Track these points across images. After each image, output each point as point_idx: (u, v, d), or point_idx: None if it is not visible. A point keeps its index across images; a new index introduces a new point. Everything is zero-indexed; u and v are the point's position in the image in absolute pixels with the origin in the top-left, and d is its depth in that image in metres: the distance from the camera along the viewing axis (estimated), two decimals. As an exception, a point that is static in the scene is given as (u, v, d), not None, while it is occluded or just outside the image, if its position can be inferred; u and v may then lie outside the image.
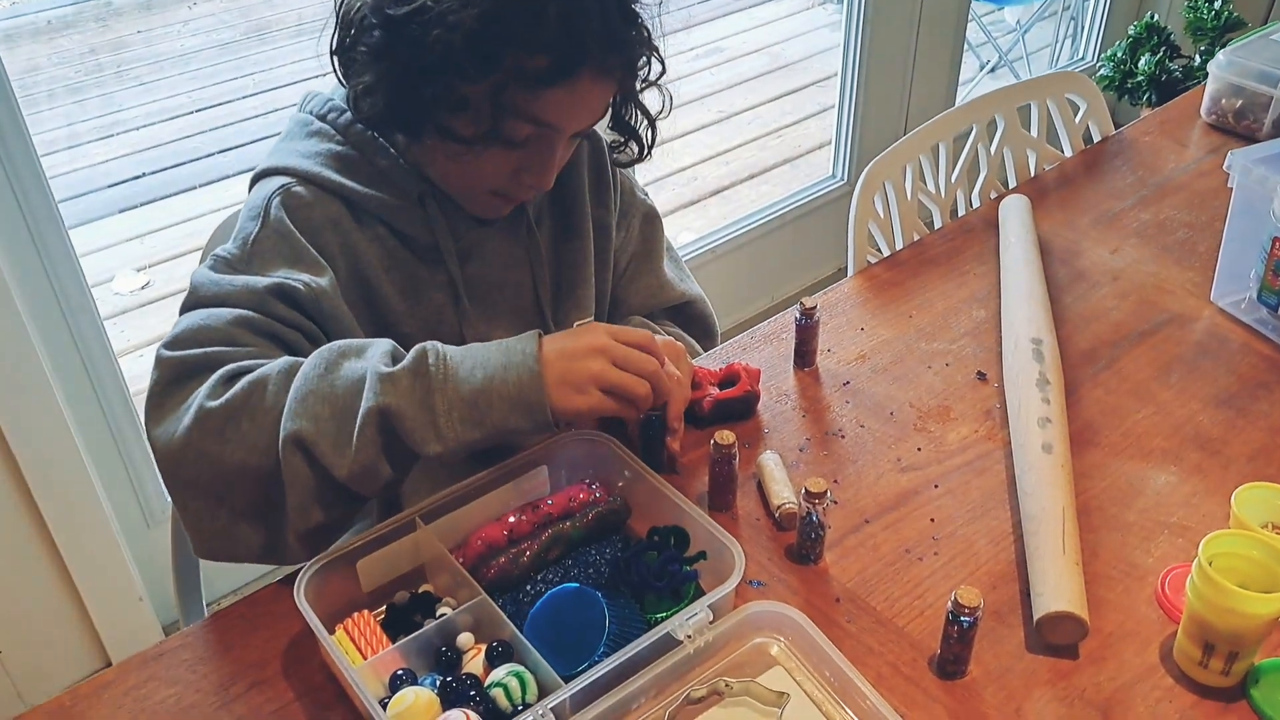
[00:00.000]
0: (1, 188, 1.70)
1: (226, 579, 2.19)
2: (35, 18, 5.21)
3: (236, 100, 4.50)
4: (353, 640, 0.97)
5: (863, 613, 1.03)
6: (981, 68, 4.17)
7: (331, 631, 0.97)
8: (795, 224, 2.97)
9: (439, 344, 1.03)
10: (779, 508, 1.12)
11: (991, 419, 1.26)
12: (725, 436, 1.10)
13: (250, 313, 1.07)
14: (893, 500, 1.16)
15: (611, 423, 1.15)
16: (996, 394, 1.29)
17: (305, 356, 1.06)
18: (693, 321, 1.46)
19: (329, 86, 1.20)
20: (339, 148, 1.17)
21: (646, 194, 1.42)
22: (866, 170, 1.56)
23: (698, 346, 1.44)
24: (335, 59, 1.12)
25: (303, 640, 1.02)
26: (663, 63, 1.15)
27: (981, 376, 1.32)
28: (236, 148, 4.16)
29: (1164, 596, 1.03)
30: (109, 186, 3.94)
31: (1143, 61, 3.02)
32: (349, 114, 1.16)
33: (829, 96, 4.27)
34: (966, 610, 0.93)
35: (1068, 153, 1.83)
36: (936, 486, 1.17)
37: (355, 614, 0.99)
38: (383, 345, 1.03)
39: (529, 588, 1.04)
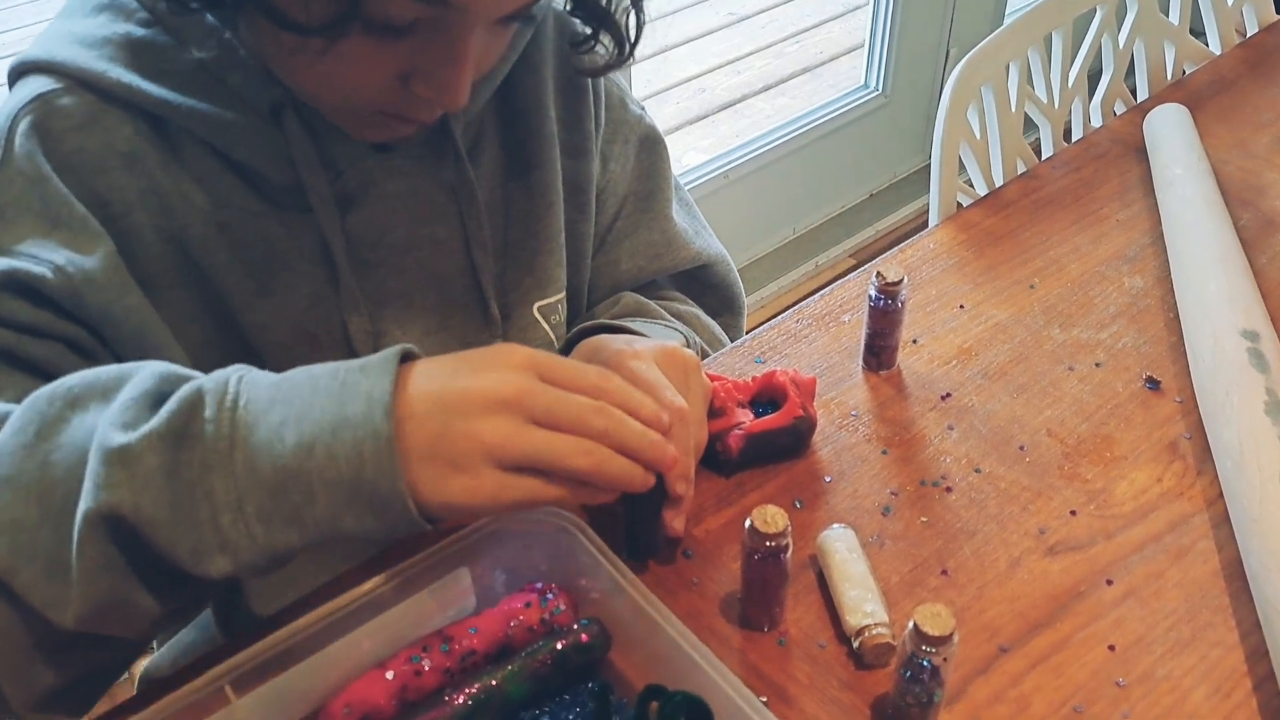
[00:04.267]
0: None
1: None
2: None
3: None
4: None
5: (1015, 841, 0.59)
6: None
7: None
8: (822, 142, 2.50)
9: (237, 375, 0.58)
10: (860, 633, 0.67)
11: (1180, 457, 0.81)
12: (770, 519, 0.65)
13: None
14: (1042, 608, 0.71)
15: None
16: (1182, 413, 0.84)
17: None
18: (707, 291, 1.00)
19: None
20: (141, 31, 0.70)
21: (643, 109, 0.95)
22: (958, 70, 1.08)
23: (720, 333, 0.97)
24: None
25: None
26: None
27: (1153, 385, 0.86)
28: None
29: None
30: None
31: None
32: None
33: (853, -4, 3.79)
34: None
35: (1215, 49, 1.35)
36: (1110, 583, 0.72)
37: None
38: (141, 379, 0.58)
39: (433, 796, 0.60)
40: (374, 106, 0.69)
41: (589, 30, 0.78)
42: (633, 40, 0.77)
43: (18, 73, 0.71)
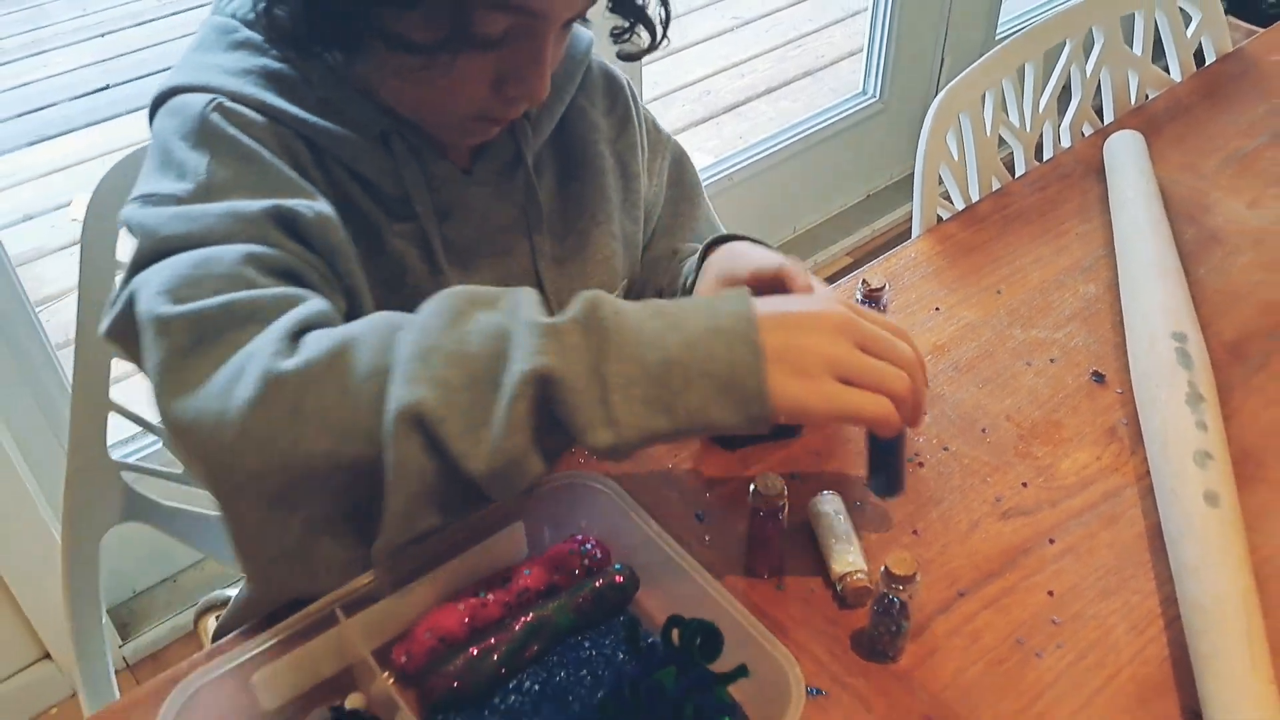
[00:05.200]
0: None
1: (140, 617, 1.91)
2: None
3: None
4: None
5: (964, 742, 0.74)
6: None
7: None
8: (821, 146, 2.63)
9: (608, 294, 0.71)
10: (843, 578, 0.81)
11: (1117, 440, 0.95)
12: (771, 483, 0.80)
13: (256, 246, 0.74)
14: (995, 561, 0.85)
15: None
16: (1120, 403, 0.98)
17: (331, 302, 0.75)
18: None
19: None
20: (277, 65, 0.83)
21: (668, 133, 1.11)
22: (939, 99, 1.23)
23: None
24: None
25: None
26: None
27: (1098, 379, 1.01)
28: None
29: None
30: (73, 99, 3.58)
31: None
32: None
33: (853, 0, 3.91)
34: None
35: (1175, 75, 1.50)
36: (1052, 541, 0.87)
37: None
38: (527, 292, 0.71)
39: (498, 702, 0.74)
40: (472, 113, 0.83)
41: (626, 22, 0.92)
42: (664, 26, 0.91)
43: (165, 96, 0.83)
